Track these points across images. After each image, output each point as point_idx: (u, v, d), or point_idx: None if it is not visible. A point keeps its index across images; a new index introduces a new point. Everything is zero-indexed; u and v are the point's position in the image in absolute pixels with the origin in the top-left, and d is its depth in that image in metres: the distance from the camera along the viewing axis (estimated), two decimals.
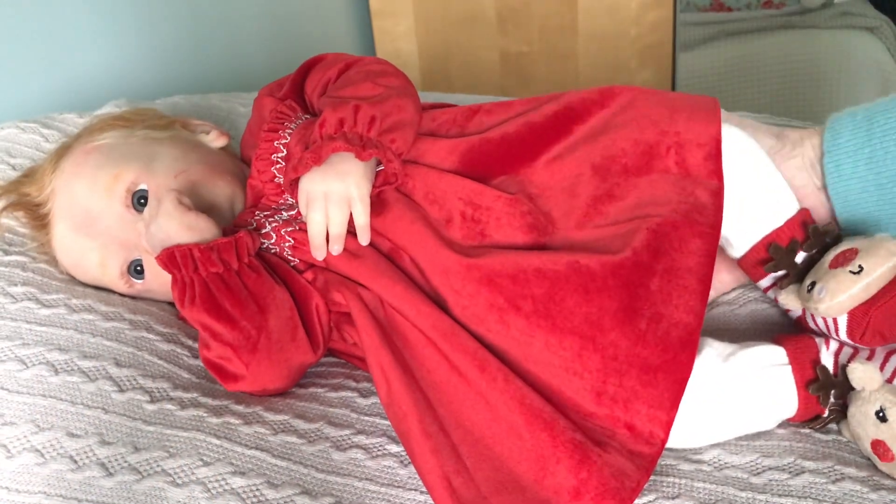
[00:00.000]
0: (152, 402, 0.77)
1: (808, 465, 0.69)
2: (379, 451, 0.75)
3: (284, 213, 0.83)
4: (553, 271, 0.74)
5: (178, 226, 0.76)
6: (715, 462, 0.71)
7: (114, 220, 0.83)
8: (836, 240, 0.77)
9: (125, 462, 0.71)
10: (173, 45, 1.35)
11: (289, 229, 0.81)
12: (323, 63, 0.89)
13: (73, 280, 0.88)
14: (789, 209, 0.78)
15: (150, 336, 0.83)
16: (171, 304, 0.88)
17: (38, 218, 0.87)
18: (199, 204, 0.81)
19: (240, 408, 0.78)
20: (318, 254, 0.78)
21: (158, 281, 0.83)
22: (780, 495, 0.67)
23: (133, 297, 0.88)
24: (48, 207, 0.86)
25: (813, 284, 0.74)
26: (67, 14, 1.21)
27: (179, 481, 0.70)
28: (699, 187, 0.76)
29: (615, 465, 0.69)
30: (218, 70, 1.40)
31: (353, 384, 0.83)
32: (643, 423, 0.70)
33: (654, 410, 0.70)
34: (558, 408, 0.72)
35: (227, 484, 0.70)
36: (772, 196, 0.78)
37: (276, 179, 0.84)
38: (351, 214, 0.78)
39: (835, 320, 0.73)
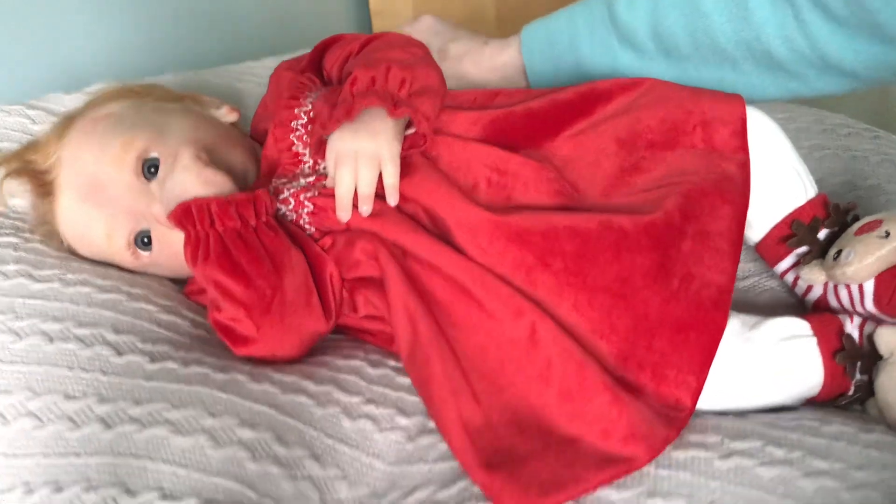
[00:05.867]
0: (153, 362, 0.72)
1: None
2: (388, 423, 0.72)
3: (302, 180, 0.81)
4: (585, 229, 0.73)
5: (195, 179, 0.74)
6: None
7: (123, 188, 0.79)
8: (856, 219, 0.78)
9: (126, 415, 0.67)
10: (172, 45, 1.34)
11: (308, 195, 0.79)
12: (342, 41, 0.89)
13: (69, 257, 0.84)
14: (809, 192, 0.79)
15: (150, 307, 0.79)
16: (176, 280, 0.85)
17: (43, 185, 0.83)
18: (216, 165, 0.79)
19: (246, 367, 0.74)
20: (344, 214, 0.76)
21: (166, 252, 0.81)
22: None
23: (135, 273, 0.84)
24: (53, 176, 0.83)
25: (839, 253, 0.73)
26: None
27: (183, 430, 0.66)
28: (726, 161, 0.77)
29: (645, 413, 0.67)
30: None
31: (363, 354, 0.80)
32: (671, 390, 0.68)
33: (683, 375, 0.68)
34: None
35: (234, 434, 0.66)
36: (794, 178, 0.79)
37: (293, 147, 0.82)
38: (380, 175, 0.77)
39: (861, 288, 0.72)
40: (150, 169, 0.79)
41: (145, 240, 0.81)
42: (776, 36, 0.80)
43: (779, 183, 0.79)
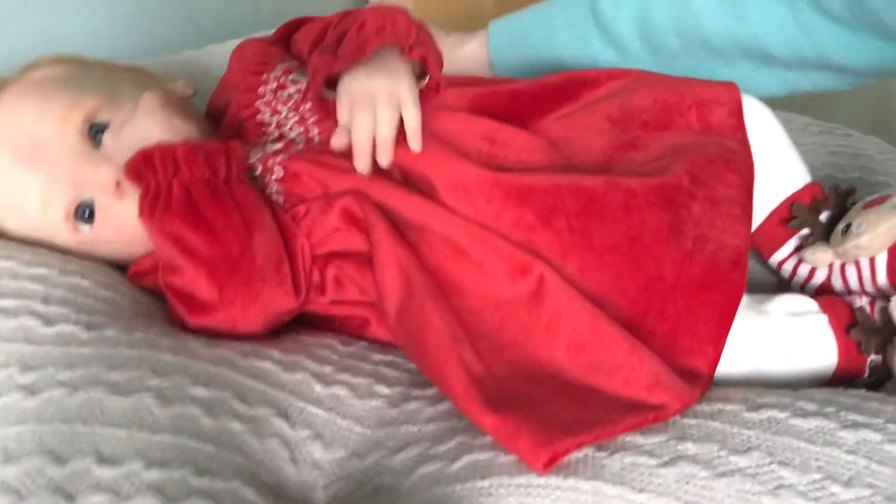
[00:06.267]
0: (89, 330, 0.62)
1: None
2: (366, 391, 0.63)
3: (270, 146, 0.73)
4: (590, 187, 0.66)
5: (160, 124, 0.67)
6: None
7: (66, 151, 0.70)
8: (854, 203, 0.74)
9: (53, 381, 0.56)
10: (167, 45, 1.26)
11: (278, 159, 0.71)
12: (314, 21, 0.83)
13: None
14: (806, 177, 0.76)
15: (85, 282, 0.68)
16: (116, 265, 0.74)
17: None
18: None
19: (200, 338, 0.64)
20: (364, 163, 0.68)
21: (111, 226, 0.71)
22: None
23: (67, 254, 0.73)
24: None
25: (847, 228, 0.69)
26: None
27: (123, 391, 0.55)
28: (725, 139, 0.72)
29: (665, 366, 0.59)
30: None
31: (332, 334, 0.71)
32: (685, 360, 0.61)
33: (699, 344, 0.61)
34: None
35: (186, 392, 0.55)
36: (791, 161, 0.76)
37: (259, 116, 0.75)
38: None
39: (872, 263, 0.68)
40: (96, 134, 0.70)
41: (87, 212, 0.71)
42: (775, 35, 0.78)
43: (776, 166, 0.74)
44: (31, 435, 0.52)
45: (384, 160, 0.68)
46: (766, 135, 0.74)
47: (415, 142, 0.69)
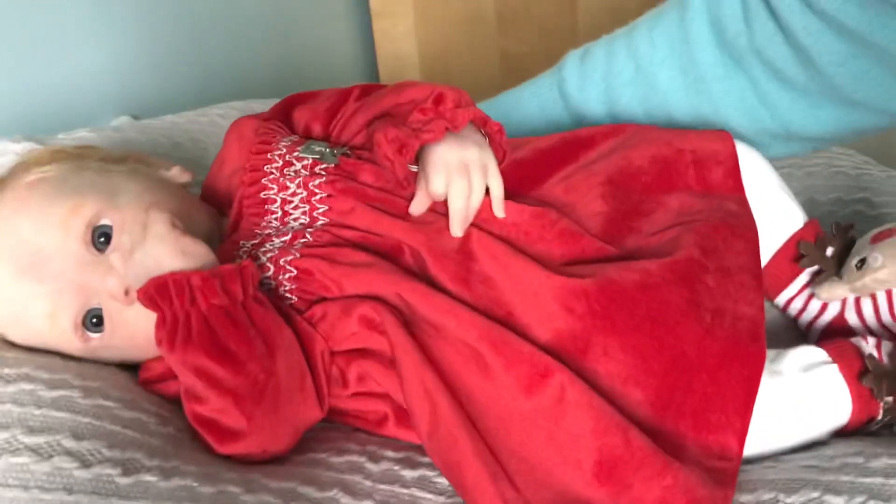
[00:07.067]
0: (125, 474, 0.60)
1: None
2: None
3: (277, 241, 0.71)
4: (604, 274, 0.68)
5: (172, 250, 0.65)
6: None
7: (70, 260, 0.67)
8: (853, 239, 0.77)
9: None
10: (169, 47, 1.26)
11: (288, 258, 0.70)
12: (316, 96, 0.82)
13: None
14: (803, 217, 0.78)
15: (108, 403, 0.66)
16: (127, 366, 0.72)
17: None
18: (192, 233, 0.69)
19: (234, 474, 0.63)
20: (461, 228, 0.70)
21: (121, 333, 0.69)
22: None
23: (80, 360, 0.71)
24: None
25: (862, 261, 0.71)
26: (52, 13, 1.10)
27: None
28: (725, 200, 0.74)
29: (697, 473, 0.61)
30: (216, 72, 1.32)
31: (357, 447, 0.70)
32: (715, 436, 0.63)
33: (726, 417, 0.64)
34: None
35: None
36: (786, 205, 0.78)
37: (262, 193, 0.74)
38: None
39: (889, 295, 0.71)
40: (100, 238, 0.68)
41: (95, 320, 0.69)
42: (736, 108, 0.79)
43: (774, 209, 0.77)
44: None
45: (459, 232, 0.70)
46: (760, 180, 0.77)
47: (500, 209, 0.71)
